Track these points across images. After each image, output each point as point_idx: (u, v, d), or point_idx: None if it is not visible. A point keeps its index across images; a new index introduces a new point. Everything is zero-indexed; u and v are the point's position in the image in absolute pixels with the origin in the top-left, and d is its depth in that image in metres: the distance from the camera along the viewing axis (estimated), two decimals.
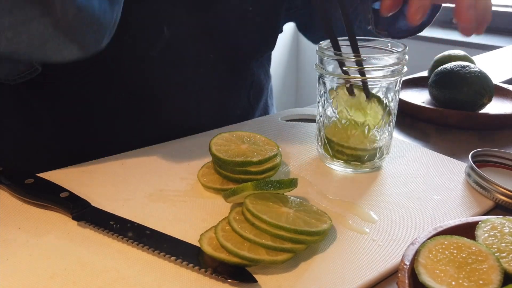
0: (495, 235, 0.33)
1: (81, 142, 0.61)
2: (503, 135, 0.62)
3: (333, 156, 0.50)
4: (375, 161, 0.50)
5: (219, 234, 0.35)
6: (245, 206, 0.37)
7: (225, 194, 0.40)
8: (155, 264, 0.35)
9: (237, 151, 0.46)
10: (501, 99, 0.73)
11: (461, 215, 0.42)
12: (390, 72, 0.46)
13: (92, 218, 0.40)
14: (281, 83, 2.52)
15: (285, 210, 0.37)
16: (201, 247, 0.35)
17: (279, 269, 0.34)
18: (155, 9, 0.55)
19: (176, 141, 0.57)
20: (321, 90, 0.50)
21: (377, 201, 0.44)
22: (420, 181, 0.48)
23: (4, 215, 0.41)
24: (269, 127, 0.62)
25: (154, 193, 0.45)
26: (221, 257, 0.34)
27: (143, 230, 0.38)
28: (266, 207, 0.37)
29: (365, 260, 0.36)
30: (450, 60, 0.73)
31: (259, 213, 0.35)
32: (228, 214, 0.38)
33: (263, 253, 0.34)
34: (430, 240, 0.32)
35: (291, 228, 0.35)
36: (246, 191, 0.38)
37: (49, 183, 0.44)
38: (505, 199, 0.43)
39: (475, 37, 1.88)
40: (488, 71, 0.67)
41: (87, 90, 0.58)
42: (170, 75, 0.60)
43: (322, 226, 0.36)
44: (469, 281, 0.29)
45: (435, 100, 0.68)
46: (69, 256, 0.36)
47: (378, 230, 0.40)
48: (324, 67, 0.48)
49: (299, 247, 0.35)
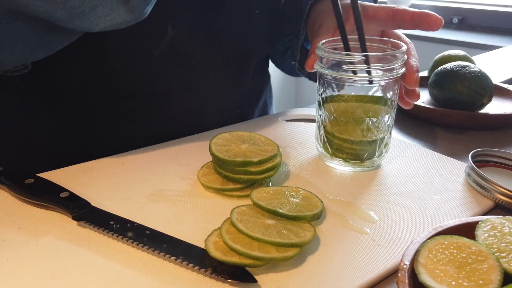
0: (495, 235, 0.33)
1: (82, 142, 0.61)
2: (503, 135, 0.62)
3: (333, 154, 0.50)
4: (374, 159, 0.50)
5: (226, 237, 0.35)
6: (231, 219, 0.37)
7: None
8: (155, 264, 0.35)
9: (237, 151, 0.46)
10: (501, 99, 0.73)
11: (461, 215, 0.42)
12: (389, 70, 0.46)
13: (92, 218, 0.40)
14: (280, 83, 2.52)
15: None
16: (209, 253, 0.34)
17: (279, 269, 0.34)
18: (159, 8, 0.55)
19: (176, 141, 0.57)
20: (321, 90, 0.50)
21: (377, 201, 0.44)
22: (420, 181, 0.48)
23: (4, 215, 0.41)
24: (269, 127, 0.62)
25: (154, 193, 0.45)
26: (233, 261, 0.33)
27: (143, 230, 0.38)
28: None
29: (365, 260, 0.36)
30: (450, 60, 0.73)
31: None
32: (230, 215, 0.38)
33: (273, 250, 0.34)
34: (430, 240, 0.32)
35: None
36: None
37: (49, 183, 0.44)
38: (505, 199, 0.43)
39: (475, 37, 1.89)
40: (488, 71, 0.67)
41: (88, 89, 0.58)
42: (173, 76, 0.60)
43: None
44: (469, 281, 0.29)
45: (435, 100, 0.68)
46: (69, 256, 0.36)
47: (378, 230, 0.40)
48: (324, 66, 0.48)
49: (307, 239, 0.35)
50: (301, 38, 0.62)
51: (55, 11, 0.38)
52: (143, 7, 0.41)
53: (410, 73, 0.48)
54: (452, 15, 2.07)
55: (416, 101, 0.52)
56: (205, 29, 0.59)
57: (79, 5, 0.38)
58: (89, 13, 0.39)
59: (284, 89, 2.59)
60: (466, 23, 2.05)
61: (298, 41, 0.62)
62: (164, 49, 0.57)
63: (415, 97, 0.51)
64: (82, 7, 0.38)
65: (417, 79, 0.49)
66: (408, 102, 0.53)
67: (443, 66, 0.67)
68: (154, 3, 0.43)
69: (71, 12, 0.38)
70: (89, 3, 0.38)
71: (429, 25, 0.50)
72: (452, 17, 2.07)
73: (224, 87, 0.65)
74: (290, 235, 0.35)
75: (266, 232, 0.35)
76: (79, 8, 0.38)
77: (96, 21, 0.40)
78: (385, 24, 0.53)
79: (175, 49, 0.57)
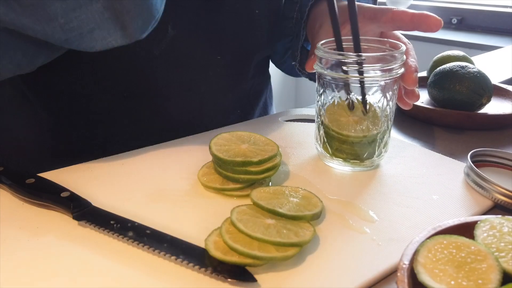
0: (494, 234, 0.33)
1: (82, 142, 0.61)
2: (502, 135, 0.62)
3: (333, 154, 0.50)
4: (374, 159, 0.50)
5: (226, 237, 0.35)
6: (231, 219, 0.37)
7: None
8: (155, 263, 0.35)
9: (237, 151, 0.46)
10: (500, 99, 0.73)
11: (460, 215, 0.42)
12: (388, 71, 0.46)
13: (92, 217, 0.40)
14: (280, 83, 2.52)
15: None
16: (209, 253, 0.35)
17: (279, 269, 0.35)
18: None
19: (176, 141, 0.58)
20: (321, 90, 0.50)
21: (377, 200, 0.44)
22: (419, 181, 0.48)
23: (5, 215, 0.41)
24: (269, 127, 0.62)
25: (154, 193, 0.45)
26: (233, 260, 0.34)
27: (144, 230, 0.38)
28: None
29: (364, 259, 0.36)
30: (449, 61, 0.73)
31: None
32: (230, 214, 0.38)
33: (273, 250, 0.34)
34: (429, 239, 0.33)
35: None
36: None
37: (50, 182, 0.44)
38: (504, 199, 0.43)
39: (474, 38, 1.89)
40: (487, 71, 0.67)
41: (88, 89, 0.58)
42: (174, 75, 0.60)
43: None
44: (468, 280, 0.29)
45: (434, 100, 0.69)
46: (70, 256, 0.36)
47: (377, 229, 0.40)
48: (323, 67, 0.48)
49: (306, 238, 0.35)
50: (301, 38, 0.62)
51: (53, 34, 0.38)
52: (140, 34, 0.42)
53: (408, 73, 0.49)
54: (451, 16, 2.07)
55: (415, 102, 0.53)
56: (205, 29, 0.59)
57: (77, 28, 0.39)
58: (87, 35, 0.39)
59: (284, 89, 2.59)
60: (465, 24, 2.06)
61: (299, 41, 0.63)
62: (164, 49, 0.57)
63: (414, 98, 0.51)
64: (80, 29, 0.39)
65: (415, 79, 0.49)
66: (407, 102, 0.53)
67: (442, 67, 0.67)
68: None
69: (69, 34, 0.39)
70: (86, 25, 0.39)
71: (429, 26, 0.50)
72: (451, 18, 2.07)
73: (225, 87, 0.65)
74: (290, 235, 0.36)
75: (266, 232, 0.35)
76: (77, 31, 0.39)
77: (93, 43, 0.40)
78: (384, 25, 0.54)
79: (175, 49, 0.58)
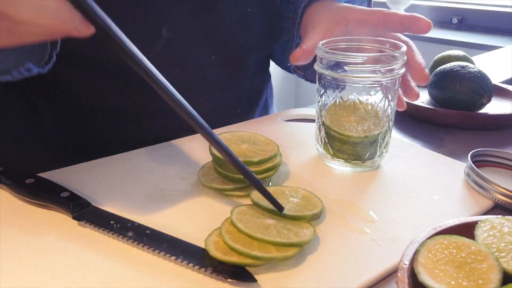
0: (494, 234, 0.33)
1: (82, 142, 0.61)
2: (502, 135, 0.62)
3: (334, 155, 0.50)
4: (375, 159, 0.50)
5: (226, 237, 0.35)
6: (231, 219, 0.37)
7: None
8: (155, 264, 0.35)
9: (237, 151, 0.46)
10: (500, 99, 0.73)
11: (461, 215, 0.42)
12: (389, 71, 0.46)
13: (92, 217, 0.40)
14: (280, 83, 2.52)
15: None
16: (209, 253, 0.35)
17: (279, 269, 0.35)
18: (153, 10, 0.55)
19: (176, 141, 0.58)
20: (321, 90, 0.50)
21: (377, 200, 0.44)
22: (420, 181, 0.48)
23: (4, 215, 0.41)
24: (269, 127, 0.62)
25: (154, 193, 0.45)
26: (233, 261, 0.34)
27: (143, 230, 0.38)
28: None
29: (364, 259, 0.36)
30: (450, 60, 0.73)
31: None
32: (230, 214, 0.38)
33: (273, 250, 0.34)
34: (429, 239, 0.33)
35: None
36: None
37: (50, 182, 0.44)
38: (504, 199, 0.43)
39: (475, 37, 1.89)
40: (488, 71, 0.67)
41: (87, 90, 0.58)
42: (171, 76, 0.60)
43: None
44: (469, 280, 0.29)
45: (434, 100, 0.69)
46: (70, 256, 0.36)
47: (377, 229, 0.40)
48: (324, 67, 0.48)
49: (306, 238, 0.35)
50: (295, 40, 0.62)
51: None
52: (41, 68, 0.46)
53: (419, 70, 0.49)
54: (451, 15, 2.07)
55: (415, 101, 0.53)
56: (199, 29, 0.59)
57: None
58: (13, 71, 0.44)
59: (284, 89, 2.59)
60: (465, 23, 2.05)
61: (293, 43, 0.63)
62: (160, 51, 0.57)
63: (414, 97, 0.51)
64: None
65: (427, 74, 0.50)
66: (402, 103, 0.53)
67: (443, 66, 0.67)
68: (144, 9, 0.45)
69: None
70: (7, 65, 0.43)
71: (419, 28, 0.51)
72: (451, 17, 2.07)
73: (222, 87, 0.65)
74: (290, 235, 0.35)
75: (266, 232, 0.35)
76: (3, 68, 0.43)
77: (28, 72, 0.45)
78: (376, 28, 0.54)
79: (171, 50, 0.58)
